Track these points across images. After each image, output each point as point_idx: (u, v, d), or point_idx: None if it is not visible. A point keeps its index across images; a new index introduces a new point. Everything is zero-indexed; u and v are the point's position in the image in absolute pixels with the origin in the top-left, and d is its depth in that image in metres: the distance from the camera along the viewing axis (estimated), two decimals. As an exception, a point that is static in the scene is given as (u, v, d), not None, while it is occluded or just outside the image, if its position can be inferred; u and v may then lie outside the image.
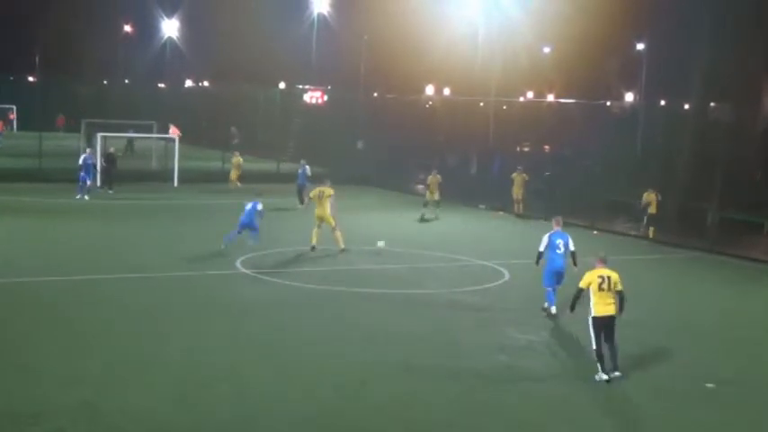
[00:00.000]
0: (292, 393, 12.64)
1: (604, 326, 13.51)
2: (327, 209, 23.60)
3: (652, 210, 29.61)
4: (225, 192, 36.82)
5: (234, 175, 38.83)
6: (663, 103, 47.16)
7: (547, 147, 46.55)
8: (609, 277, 13.62)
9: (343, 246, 23.61)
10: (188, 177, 40.06)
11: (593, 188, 33.97)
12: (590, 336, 13.63)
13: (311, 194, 24.49)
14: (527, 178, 34.52)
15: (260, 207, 23.37)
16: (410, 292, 19.83)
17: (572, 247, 17.55)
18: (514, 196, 34.45)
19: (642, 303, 18.60)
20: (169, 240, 25.57)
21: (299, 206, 32.27)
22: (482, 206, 36.63)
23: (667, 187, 31.37)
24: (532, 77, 57.57)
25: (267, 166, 45.29)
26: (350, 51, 58.81)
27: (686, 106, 42.41)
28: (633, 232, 30.77)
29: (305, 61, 65.59)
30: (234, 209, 32.00)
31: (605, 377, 13.34)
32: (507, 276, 21.91)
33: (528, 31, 49.59)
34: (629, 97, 56.21)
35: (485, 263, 23.53)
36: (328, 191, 23.76)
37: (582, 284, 13.72)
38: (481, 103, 46.04)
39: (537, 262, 17.74)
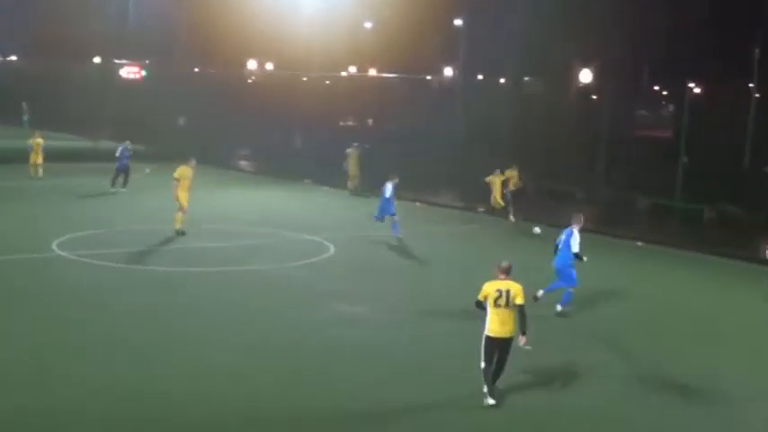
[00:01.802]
0: (101, 375, 12.28)
1: (499, 348, 11.71)
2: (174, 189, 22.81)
3: (511, 186, 30.34)
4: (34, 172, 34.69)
5: (34, 158, 33.23)
6: (480, 77, 48.56)
7: (370, 120, 47.07)
8: (508, 291, 11.61)
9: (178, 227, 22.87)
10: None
11: (416, 161, 34.67)
12: (480, 353, 11.79)
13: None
14: (362, 154, 34.68)
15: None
16: (238, 269, 19.61)
17: (574, 249, 16.37)
18: (349, 172, 34.49)
19: (455, 271, 19.32)
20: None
21: (120, 189, 30.74)
22: (307, 181, 36.70)
23: (486, 158, 32.40)
24: (355, 52, 57.88)
25: (83, 144, 43.50)
26: (169, 25, 57.08)
27: (502, 80, 43.99)
28: (456, 203, 31.67)
29: (121, 35, 63.10)
30: (46, 189, 30.70)
31: (492, 402, 11.65)
32: (333, 250, 22.06)
33: (349, 6, 49.73)
34: (449, 72, 57.47)
35: (312, 237, 23.58)
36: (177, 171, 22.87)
37: (480, 296, 11.78)
38: (304, 78, 45.97)
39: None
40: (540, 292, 16.55)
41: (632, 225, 28.12)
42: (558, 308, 16.63)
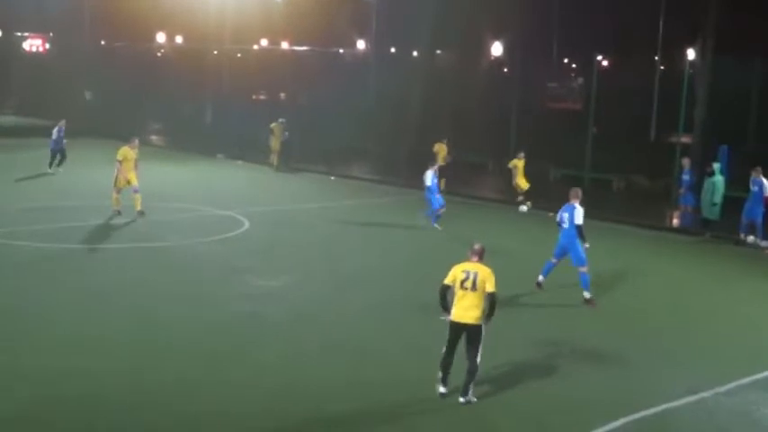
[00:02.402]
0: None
1: (463, 334, 10.84)
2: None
3: (441, 160, 29.98)
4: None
5: None
6: (393, 50, 48.50)
7: (283, 95, 46.63)
8: (476, 273, 10.81)
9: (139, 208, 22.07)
10: None
11: (330, 134, 34.53)
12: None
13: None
14: (285, 129, 33.99)
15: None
16: (151, 245, 19.28)
17: (577, 221, 15.80)
18: (272, 146, 33.78)
19: (370, 244, 19.38)
20: None
21: (58, 170, 29.16)
22: (220, 155, 36.27)
23: (399, 131, 32.49)
24: (266, 25, 57.22)
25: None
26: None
27: (414, 53, 44.03)
28: (368, 176, 31.69)
29: (23, 5, 60.98)
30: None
31: (443, 390, 10.97)
32: (247, 225, 21.87)
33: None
34: (361, 45, 57.30)
35: (226, 213, 23.34)
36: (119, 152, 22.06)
37: (446, 280, 10.96)
38: (215, 51, 45.27)
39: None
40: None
41: (544, 196, 28.52)
42: (540, 278, 16.48)
